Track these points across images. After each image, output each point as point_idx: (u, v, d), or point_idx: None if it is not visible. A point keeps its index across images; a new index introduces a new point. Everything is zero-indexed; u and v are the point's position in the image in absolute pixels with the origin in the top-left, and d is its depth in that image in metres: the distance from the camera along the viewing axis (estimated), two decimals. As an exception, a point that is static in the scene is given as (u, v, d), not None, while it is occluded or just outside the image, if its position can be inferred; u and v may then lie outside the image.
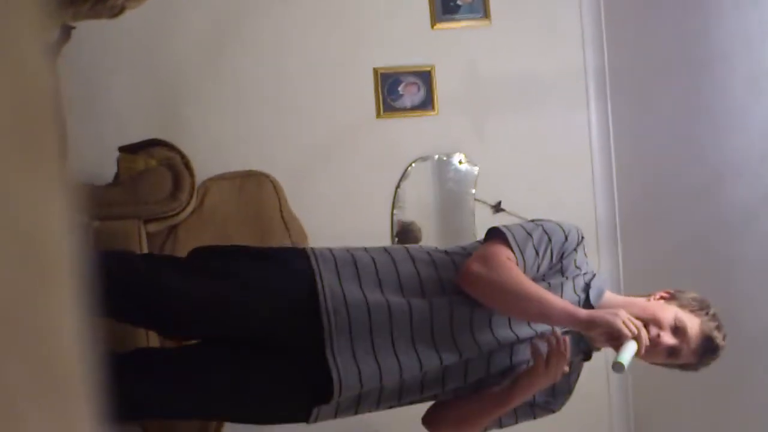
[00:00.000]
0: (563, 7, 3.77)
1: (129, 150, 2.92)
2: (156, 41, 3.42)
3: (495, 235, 1.85)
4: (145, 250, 2.68)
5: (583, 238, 1.92)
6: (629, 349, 1.71)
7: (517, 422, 1.99)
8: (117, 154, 2.92)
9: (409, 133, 3.60)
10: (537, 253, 1.83)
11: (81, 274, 0.40)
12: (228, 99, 3.48)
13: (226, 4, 3.49)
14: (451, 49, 3.66)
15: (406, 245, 2.00)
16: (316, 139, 3.54)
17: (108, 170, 2.97)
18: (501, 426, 1.98)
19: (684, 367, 1.92)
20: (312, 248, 1.89)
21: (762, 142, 2.86)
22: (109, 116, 3.34)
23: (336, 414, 1.86)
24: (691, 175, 3.27)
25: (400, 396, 1.87)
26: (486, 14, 3.69)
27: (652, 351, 1.78)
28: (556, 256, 1.86)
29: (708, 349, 1.86)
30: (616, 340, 1.72)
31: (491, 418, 1.93)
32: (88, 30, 2.61)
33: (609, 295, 1.94)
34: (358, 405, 1.85)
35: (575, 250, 1.89)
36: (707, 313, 1.88)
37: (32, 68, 0.39)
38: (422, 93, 3.62)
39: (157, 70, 3.43)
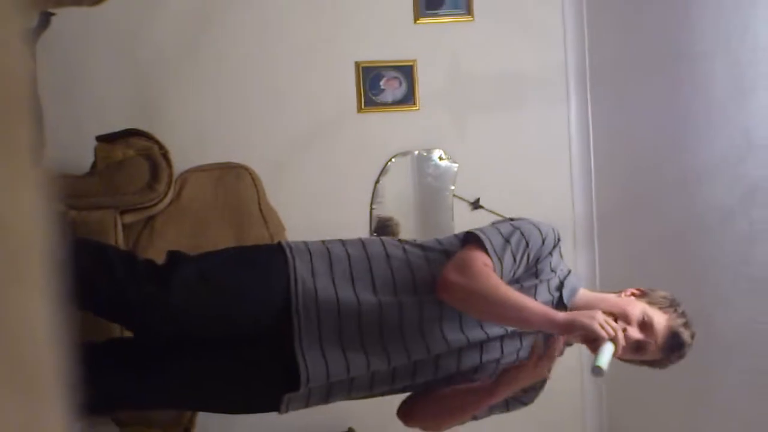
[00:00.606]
0: (546, 4, 3.78)
1: (107, 139, 2.89)
2: (136, 31, 3.39)
3: (472, 240, 1.85)
4: (121, 241, 2.66)
5: (559, 239, 1.93)
6: (607, 352, 1.72)
7: (490, 414, 2.02)
8: (94, 143, 2.89)
9: (390, 127, 3.60)
10: (515, 260, 1.83)
11: (54, 264, 0.39)
12: (208, 90, 3.45)
13: (208, -6, 3.47)
14: (433, 45, 3.66)
15: (383, 238, 2.00)
16: (297, 131, 3.53)
17: (85, 159, 2.94)
18: (476, 419, 2.01)
19: (651, 363, 1.94)
20: (288, 243, 1.90)
21: (740, 142, 2.89)
22: (87, 105, 3.31)
23: (307, 403, 1.88)
24: (669, 174, 3.29)
25: (371, 387, 1.89)
26: (469, 10, 3.69)
27: (618, 346, 1.80)
28: (533, 260, 1.87)
29: (674, 346, 1.88)
30: (593, 342, 1.74)
31: (473, 412, 1.95)
32: (68, 17, 2.59)
33: (582, 293, 1.96)
34: (328, 394, 1.87)
35: (551, 253, 1.89)
36: (676, 310, 1.91)
37: (6, 55, 0.39)
38: (404, 88, 3.62)
39: (136, 60, 3.40)
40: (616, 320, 1.81)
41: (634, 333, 1.84)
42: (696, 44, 3.09)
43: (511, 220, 1.95)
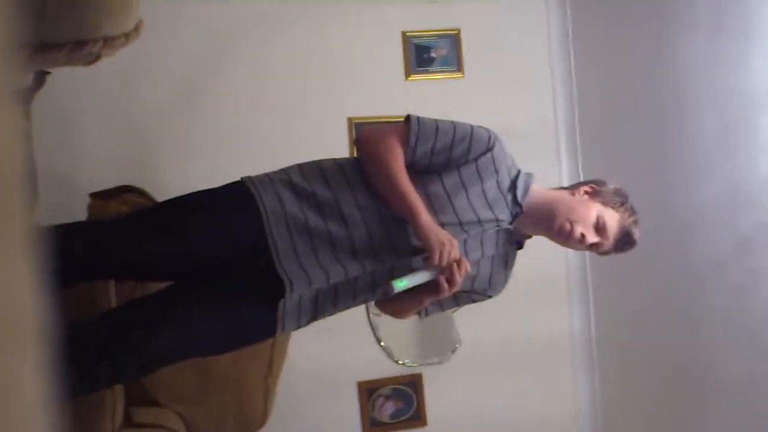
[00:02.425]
0: (534, 60, 3.85)
1: (100, 196, 2.90)
2: (130, 88, 3.43)
3: (406, 119, 1.99)
4: (114, 302, 2.64)
5: (496, 138, 2.01)
6: (419, 277, 1.82)
7: (459, 306, 2.21)
8: (88, 199, 2.90)
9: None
10: (436, 132, 1.95)
11: (46, 333, 0.40)
12: (201, 147, 3.48)
13: (200, 52, 3.51)
14: (424, 100, 3.70)
15: (335, 159, 2.07)
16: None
17: (79, 216, 2.94)
18: (443, 309, 2.15)
19: (600, 254, 2.09)
20: (251, 179, 1.99)
21: (730, 193, 2.91)
22: (81, 162, 3.32)
23: (299, 318, 1.95)
24: (660, 226, 3.30)
25: (354, 296, 1.97)
26: (459, 67, 3.75)
27: (575, 245, 2.00)
28: (458, 146, 1.94)
29: (626, 243, 2.04)
30: (425, 260, 1.82)
31: (422, 306, 2.04)
32: (62, 76, 2.61)
33: (535, 189, 2.05)
34: (315, 306, 1.95)
35: (489, 150, 1.97)
36: (627, 209, 2.04)
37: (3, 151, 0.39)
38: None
39: (130, 117, 3.43)
40: (572, 226, 1.94)
41: (591, 237, 1.98)
42: (683, 97, 3.14)
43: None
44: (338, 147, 3.60)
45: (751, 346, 2.82)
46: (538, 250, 3.73)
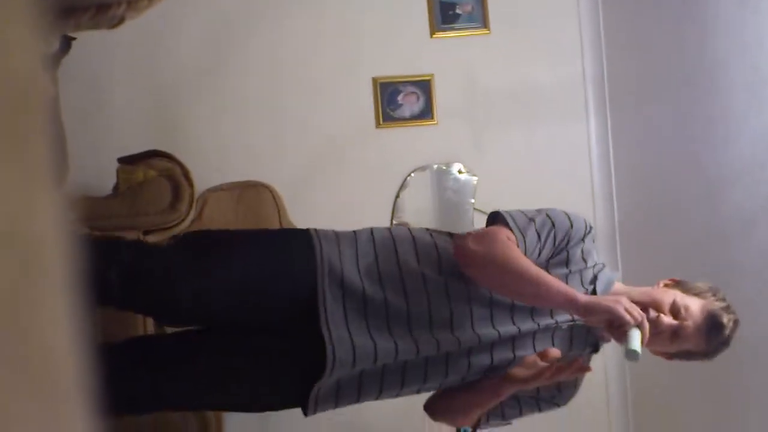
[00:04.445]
0: (562, 17, 3.78)
1: (128, 161, 2.92)
2: (155, 52, 3.43)
3: (495, 219, 1.81)
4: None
5: (591, 228, 1.85)
6: (636, 337, 1.63)
7: (522, 414, 1.95)
8: (116, 165, 2.92)
9: (409, 142, 3.61)
10: (539, 237, 1.76)
11: (72, 269, 0.40)
12: (227, 110, 3.48)
13: (226, 15, 3.50)
14: (450, 59, 3.67)
15: (410, 227, 1.97)
16: (316, 149, 3.55)
17: (107, 181, 2.98)
18: (504, 418, 1.95)
19: (695, 354, 1.84)
20: (316, 229, 1.85)
21: (760, 150, 2.86)
22: (108, 127, 3.35)
23: (336, 401, 1.82)
24: (689, 184, 3.27)
25: (403, 382, 1.82)
26: (485, 24, 3.70)
27: (654, 335, 1.71)
28: (560, 243, 1.79)
29: (713, 327, 1.78)
30: (618, 328, 1.64)
31: (482, 410, 1.89)
32: (88, 41, 2.62)
33: (618, 287, 1.88)
34: (359, 389, 1.81)
35: (582, 240, 1.81)
36: (714, 295, 1.84)
37: (26, 78, 0.39)
38: (421, 103, 3.62)
39: (156, 81, 3.44)
40: (646, 308, 1.72)
41: (667, 319, 1.75)
42: (713, 52, 3.08)
43: (538, 209, 1.90)
44: (363, 108, 3.59)
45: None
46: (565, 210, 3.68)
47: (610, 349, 3.83)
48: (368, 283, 1.75)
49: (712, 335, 1.79)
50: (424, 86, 3.63)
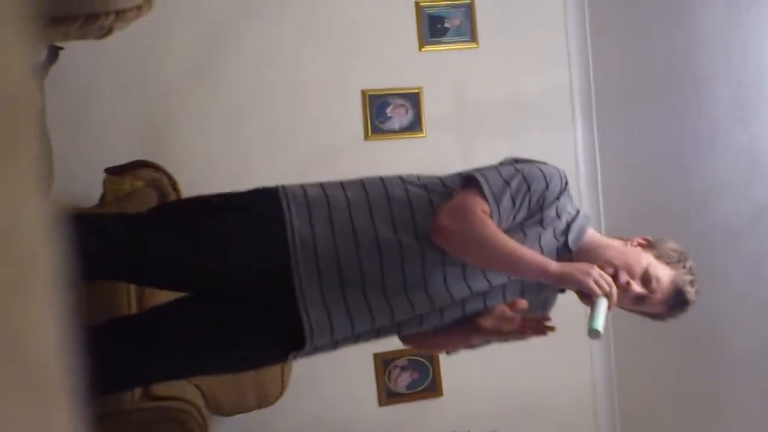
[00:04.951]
0: (550, 31, 3.81)
1: (115, 171, 2.91)
2: (143, 63, 3.43)
3: (471, 184, 1.80)
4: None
5: (566, 183, 1.86)
6: (602, 309, 1.68)
7: (489, 343, 2.01)
8: (103, 175, 2.91)
9: (398, 154, 3.62)
10: (514, 203, 1.78)
11: (59, 273, 0.40)
12: (215, 120, 3.48)
13: (214, 26, 3.51)
14: (438, 72, 3.68)
15: (384, 177, 1.91)
16: (305, 159, 3.55)
17: (94, 192, 2.96)
18: (473, 347, 2.00)
19: (651, 316, 1.90)
20: (285, 191, 1.82)
21: (746, 163, 2.89)
22: (95, 137, 3.34)
23: (315, 352, 1.87)
24: (676, 195, 3.29)
25: (378, 339, 1.89)
26: (473, 37, 3.72)
27: (620, 296, 1.76)
28: (535, 205, 1.80)
29: (678, 303, 1.84)
30: (587, 297, 1.70)
31: (453, 348, 1.99)
32: (76, 51, 2.62)
33: (590, 235, 1.90)
34: (335, 346, 1.86)
35: (558, 198, 1.82)
36: (684, 266, 1.86)
37: (12, 85, 0.39)
38: (410, 115, 3.64)
39: (143, 91, 3.44)
40: (617, 272, 1.77)
41: (637, 287, 1.79)
42: (699, 66, 3.11)
43: (516, 161, 1.90)
44: (352, 120, 3.60)
45: (765, 316, 2.81)
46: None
47: (597, 352, 3.86)
48: (342, 243, 1.74)
49: (676, 308, 1.86)
50: (413, 99, 3.64)
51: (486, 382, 3.71)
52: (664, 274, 1.83)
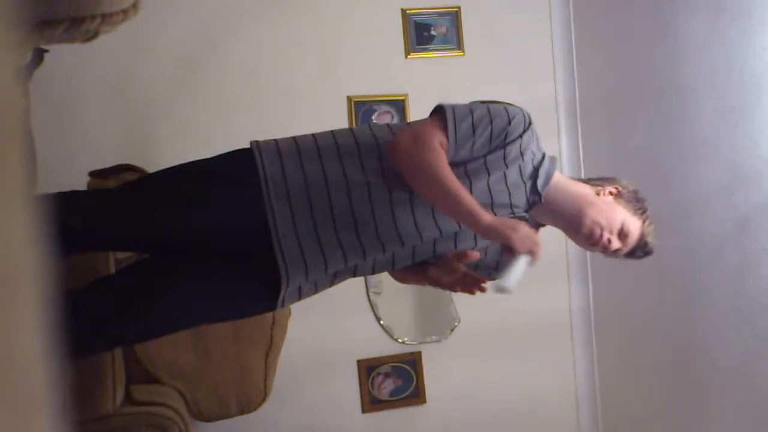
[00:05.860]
0: (535, 40, 3.83)
1: (99, 175, 2.90)
2: (128, 66, 3.41)
3: (437, 112, 1.86)
4: (113, 268, 2.65)
5: (530, 123, 1.88)
6: (519, 267, 1.72)
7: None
8: (87, 178, 2.90)
9: (382, 161, 3.61)
10: (473, 131, 1.81)
11: (44, 282, 0.40)
12: (199, 124, 3.47)
13: (200, 31, 3.50)
14: (424, 79, 3.69)
15: (354, 129, 1.96)
16: (289, 166, 3.54)
17: (78, 195, 2.94)
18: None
19: (610, 256, 2.02)
20: (257, 143, 1.90)
21: (729, 174, 2.91)
22: (80, 141, 3.32)
23: (300, 296, 1.92)
24: (658, 207, 3.30)
25: (354, 276, 1.95)
26: (459, 45, 3.74)
27: (595, 249, 1.93)
28: (496, 139, 1.83)
29: (641, 251, 1.99)
30: (510, 252, 1.74)
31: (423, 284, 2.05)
32: (61, 54, 2.60)
33: (558, 179, 1.95)
34: (316, 287, 1.92)
35: (521, 135, 1.84)
36: (647, 216, 1.99)
37: (1, 90, 0.39)
38: (395, 122, 3.64)
39: (128, 94, 3.42)
40: (602, 232, 1.88)
41: (616, 244, 1.93)
42: (683, 78, 3.13)
43: (484, 102, 1.94)
44: (337, 126, 3.59)
45: (748, 328, 2.83)
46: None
47: (579, 356, 3.87)
48: (313, 186, 1.79)
49: (638, 255, 2.01)
50: (399, 105, 3.65)
51: (469, 390, 3.71)
52: (634, 228, 1.95)
